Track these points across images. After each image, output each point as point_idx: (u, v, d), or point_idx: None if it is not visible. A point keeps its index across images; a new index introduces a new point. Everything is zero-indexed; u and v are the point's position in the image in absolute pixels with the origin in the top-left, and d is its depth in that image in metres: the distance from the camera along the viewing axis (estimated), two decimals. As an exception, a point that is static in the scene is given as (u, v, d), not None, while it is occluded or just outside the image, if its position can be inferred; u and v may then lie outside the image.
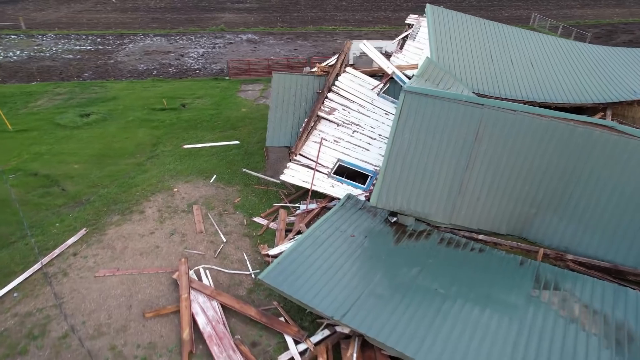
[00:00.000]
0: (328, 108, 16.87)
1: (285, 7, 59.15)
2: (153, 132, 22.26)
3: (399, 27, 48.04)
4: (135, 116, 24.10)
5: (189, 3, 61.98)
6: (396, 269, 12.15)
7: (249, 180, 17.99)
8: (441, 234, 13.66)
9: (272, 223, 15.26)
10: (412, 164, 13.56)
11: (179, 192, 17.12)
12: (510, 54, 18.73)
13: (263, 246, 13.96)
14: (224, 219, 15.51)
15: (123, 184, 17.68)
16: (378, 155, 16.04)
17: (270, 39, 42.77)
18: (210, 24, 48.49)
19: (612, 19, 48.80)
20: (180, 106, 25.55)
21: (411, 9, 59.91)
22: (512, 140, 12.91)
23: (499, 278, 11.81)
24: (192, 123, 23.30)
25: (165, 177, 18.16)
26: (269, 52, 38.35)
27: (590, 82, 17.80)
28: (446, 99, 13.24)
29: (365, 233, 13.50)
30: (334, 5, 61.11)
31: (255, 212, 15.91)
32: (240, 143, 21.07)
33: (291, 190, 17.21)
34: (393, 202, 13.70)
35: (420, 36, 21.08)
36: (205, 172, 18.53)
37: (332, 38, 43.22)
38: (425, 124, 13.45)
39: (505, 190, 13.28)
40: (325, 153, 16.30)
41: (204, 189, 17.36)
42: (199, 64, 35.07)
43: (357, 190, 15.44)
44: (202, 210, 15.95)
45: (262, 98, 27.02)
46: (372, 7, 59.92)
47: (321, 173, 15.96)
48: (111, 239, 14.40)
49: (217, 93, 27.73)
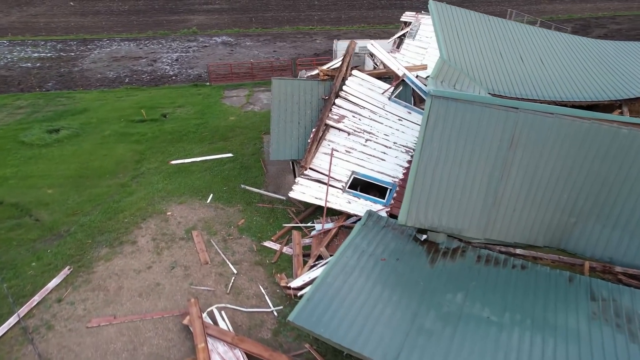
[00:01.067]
0: (337, 115, 15.43)
1: (256, 8, 57.15)
2: (134, 148, 20.11)
3: (378, 26, 47.23)
4: (112, 130, 21.80)
5: (154, 5, 58.86)
6: (439, 296, 10.88)
7: (251, 197, 16.30)
8: (477, 251, 12.52)
9: (286, 247, 13.68)
10: (442, 176, 12.33)
11: (174, 216, 15.22)
12: (520, 51, 17.91)
13: (281, 276, 12.37)
14: (229, 246, 13.79)
15: (107, 210, 15.58)
16: (395, 166, 14.75)
17: (246, 40, 40.83)
18: (180, 26, 45.95)
19: (582, 13, 49.81)
20: (161, 117, 23.42)
21: (385, 7, 59.39)
22: (550, 146, 11.91)
23: (552, 299, 10.74)
24: (176, 135, 21.27)
25: (155, 199, 16.19)
26: (247, 54, 36.47)
27: (602, 79, 17.21)
28: (477, 103, 12.09)
29: (396, 255, 12.17)
30: (307, 5, 59.65)
31: (264, 235, 14.27)
32: (234, 155, 19.29)
33: (300, 207, 15.66)
34: (424, 219, 12.43)
35: (421, 34, 20.01)
36: (200, 191, 16.68)
37: (311, 38, 41.77)
38: (455, 132, 12.25)
39: (542, 199, 12.28)
40: (337, 165, 14.86)
41: (202, 211, 15.53)
42: (174, 70, 32.78)
43: (376, 205, 14.09)
44: (203, 237, 14.15)
45: (250, 104, 25.24)
46: (346, 6, 58.88)
47: (335, 188, 14.50)
48: (102, 278, 12.41)
49: (200, 101, 25.72)
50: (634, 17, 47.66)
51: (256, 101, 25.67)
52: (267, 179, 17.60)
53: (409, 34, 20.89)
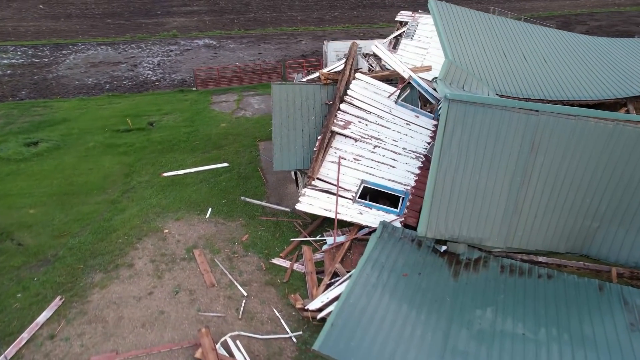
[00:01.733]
0: (342, 121, 14.68)
1: (236, 9, 55.87)
2: (122, 160, 18.87)
3: (363, 26, 46.74)
4: (96, 141, 20.46)
5: (129, 8, 56.83)
6: (468, 312, 10.27)
7: (253, 210, 15.38)
8: (499, 261, 11.98)
9: (297, 264, 12.84)
10: (462, 184, 11.74)
11: (171, 234, 14.18)
12: (522, 50, 17.56)
13: (295, 297, 11.53)
14: (236, 265, 12.86)
15: (98, 230, 14.40)
16: (406, 173, 14.11)
17: (229, 43, 39.65)
18: (159, 29, 44.35)
19: (562, 10, 50.56)
20: (148, 125, 22.18)
21: (367, 7, 59.00)
22: (571, 149, 11.46)
23: (585, 310, 10.27)
24: (166, 145, 20.12)
25: (149, 216, 15.08)
26: (231, 57, 35.34)
27: (605, 77, 17.02)
28: (497, 107, 11.53)
29: (417, 269, 11.51)
30: (288, 5, 58.71)
31: (272, 252, 13.40)
32: (229, 165, 18.30)
33: (306, 219, 14.85)
34: (444, 230, 11.81)
35: (419, 34, 19.47)
36: (198, 205, 15.66)
37: (295, 39, 40.90)
38: (474, 137, 11.67)
39: (564, 204, 11.83)
40: (345, 174, 14.11)
41: (201, 227, 14.53)
42: (156, 75, 31.39)
43: (390, 215, 13.41)
44: (206, 256, 13.18)
45: (240, 110, 24.23)
46: (328, 6, 58.22)
47: (344, 198, 13.75)
48: (98, 308, 11.31)
49: (187, 107, 24.55)
50: (611, 13, 48.65)
51: (247, 106, 24.68)
52: (267, 189, 16.71)
53: (406, 34, 20.32)
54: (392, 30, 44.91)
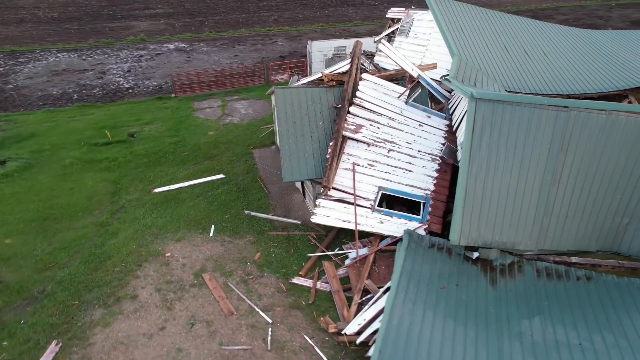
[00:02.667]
0: (353, 125, 13.81)
1: (203, 11, 53.87)
2: (106, 177, 17.20)
3: (338, 24, 46.05)
4: (73, 157, 18.61)
5: (87, 11, 53.61)
6: (515, 323, 9.67)
7: (260, 225, 14.26)
8: (533, 264, 11.48)
9: (319, 282, 11.87)
10: (493, 188, 11.16)
11: (174, 257, 12.86)
12: (522, 44, 17.30)
13: (326, 320, 10.56)
14: (252, 288, 11.74)
15: (90, 258, 12.87)
16: (424, 177, 13.42)
17: (202, 46, 37.92)
18: (125, 33, 41.91)
19: (529, 5, 51.87)
20: (129, 137, 20.48)
21: (337, 5, 58.40)
22: (602, 145, 11.12)
23: (635, 312, 9.89)
24: (153, 158, 18.56)
25: (146, 238, 13.66)
26: (206, 61, 33.73)
27: (604, 69, 17.01)
28: (526, 105, 11.03)
29: (454, 280, 10.83)
30: (257, 6, 57.23)
31: (290, 270, 12.37)
32: (226, 176, 17.04)
33: (319, 231, 13.89)
34: (477, 236, 11.19)
35: (415, 31, 18.88)
36: (198, 223, 14.37)
37: (271, 40, 39.67)
38: (503, 137, 11.11)
39: (594, 202, 11.49)
40: (361, 181, 13.26)
41: (207, 247, 13.28)
42: (128, 82, 29.39)
43: (412, 223, 12.67)
44: (217, 280, 11.98)
45: (227, 116, 22.89)
46: (297, 5, 57.21)
47: (363, 207, 12.90)
48: (104, 351, 9.91)
49: (169, 115, 22.95)
50: (575, 7, 50.37)
51: (233, 112, 23.37)
52: (271, 201, 15.61)
53: (401, 31, 19.70)
54: (367, 28, 44.62)
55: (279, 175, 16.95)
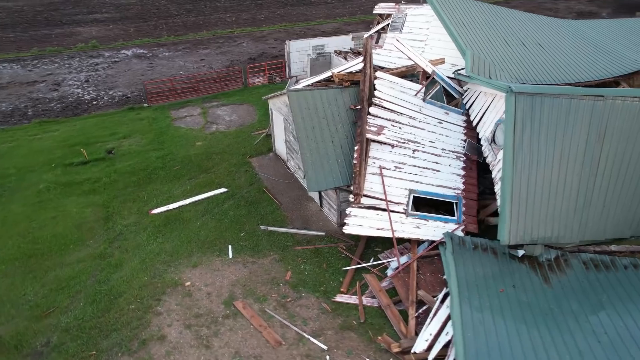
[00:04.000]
0: (375, 127, 13.09)
1: (154, 15, 50.92)
2: (92, 200, 15.26)
3: (301, 24, 45.15)
4: (48, 181, 16.40)
5: (22, 17, 48.88)
6: (584, 321, 9.38)
7: (281, 240, 13.19)
8: (577, 257, 11.35)
9: (365, 298, 11.05)
10: (537, 182, 10.88)
11: (196, 286, 11.50)
12: (519, 36, 17.39)
13: (384, 339, 9.76)
14: (294, 312, 10.69)
15: (97, 297, 11.19)
16: (452, 175, 12.98)
17: (163, 51, 35.60)
18: (72, 40, 38.50)
19: (485, 0, 53.69)
20: (107, 153, 18.46)
21: (294, 4, 57.45)
22: (636, 132, 11.19)
23: (691, 297, 9.99)
24: (141, 175, 16.78)
25: (157, 267, 12.16)
26: (171, 66, 31.63)
27: (596, 57, 17.45)
28: (563, 96, 10.85)
29: (508, 281, 10.42)
30: (210, 7, 55.01)
31: (328, 287, 11.44)
32: (229, 190, 15.72)
33: (347, 241, 13.05)
34: (524, 234, 10.85)
35: (410, 26, 18.51)
36: (212, 244, 13.04)
37: (235, 42, 38.04)
38: (543, 130, 10.87)
39: (629, 189, 11.57)
40: (390, 185, 12.57)
41: (229, 271, 12.03)
42: (89, 93, 26.80)
43: (449, 225, 12.17)
44: (252, 307, 10.81)
45: (211, 124, 21.35)
46: (253, 6, 55.64)
47: (397, 213, 12.22)
48: (143, 407, 8.50)
49: (147, 127, 21.03)
50: (525, 0, 52.82)
51: (217, 119, 21.86)
52: (285, 212, 14.53)
53: (393, 27, 19.25)
54: (332, 26, 44.10)
55: (286, 185, 15.95)
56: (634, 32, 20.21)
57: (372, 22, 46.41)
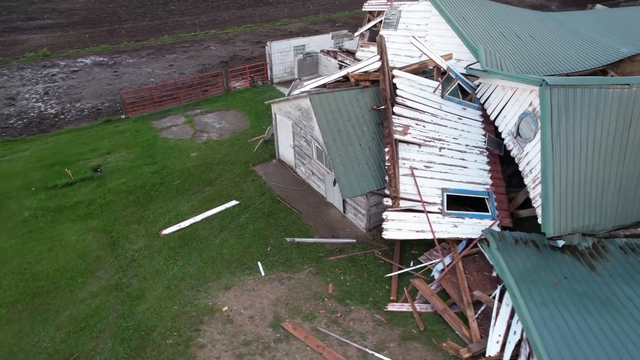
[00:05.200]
0: (400, 127, 12.75)
1: (105, 20, 47.81)
2: (90, 226, 13.75)
3: (266, 25, 44.10)
4: (32, 208, 14.60)
5: (-48, 26, 44.19)
6: (643, 307, 9.59)
7: (312, 251, 12.53)
8: (612, 242, 11.63)
9: (418, 304, 10.67)
10: (573, 173, 11.01)
11: (235, 310, 10.61)
12: (513, 30, 17.74)
13: (450, 345, 9.43)
14: (348, 327, 10.12)
15: (125, 335, 9.99)
16: (479, 171, 12.92)
17: (125, 58, 33.36)
18: (17, 50, 35.15)
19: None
20: (93, 172, 16.81)
21: (252, 5, 56.14)
22: (658, 116, 11.64)
23: None
24: (140, 193, 15.40)
25: (185, 294, 11.11)
26: (139, 74, 29.67)
27: (583, 48, 18.16)
28: (594, 86, 11.05)
29: (558, 273, 10.45)
30: (166, 11, 52.55)
31: (376, 297, 10.96)
32: (240, 202, 14.79)
33: (381, 245, 12.63)
34: (566, 224, 10.95)
35: (406, 22, 18.39)
36: (240, 262, 12.14)
37: (202, 46, 36.43)
38: (577, 121, 11.01)
39: (652, 172, 12.05)
40: (423, 186, 12.29)
41: (266, 290, 11.22)
42: (52, 107, 24.46)
43: (485, 221, 12.08)
44: (302, 327, 10.11)
45: (201, 133, 20.12)
46: (211, 8, 53.79)
47: (433, 213, 11.96)
48: None
49: (131, 140, 19.43)
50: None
51: (206, 127, 20.64)
52: (307, 221, 13.87)
53: (386, 24, 19.03)
54: (298, 26, 43.44)
55: (299, 192, 15.28)
56: (604, 22, 21.33)
57: (336, 20, 46.43)
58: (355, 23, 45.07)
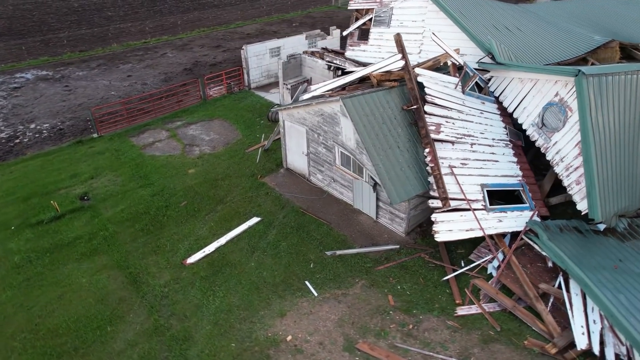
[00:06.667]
0: (433, 125, 12.49)
1: (33, 29, 43.22)
2: (100, 263, 12.02)
3: (219, 27, 42.23)
4: (21, 250, 12.48)
5: None
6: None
7: (358, 263, 11.92)
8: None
9: (485, 305, 10.45)
10: (610, 158, 11.39)
11: (301, 339, 9.74)
12: (502, 22, 18.21)
13: (533, 342, 9.31)
14: (425, 338, 9.66)
15: (186, 385, 8.77)
16: (510, 164, 13.03)
17: (74, 70, 30.25)
18: (-61, 67, 30.65)
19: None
20: (81, 200, 14.85)
21: (197, 8, 53.71)
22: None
23: None
24: (146, 220, 13.78)
25: (239, 328, 10.02)
26: (95, 87, 27.00)
27: (562, 38, 19.09)
28: (621, 73, 11.50)
29: (611, 256, 10.75)
30: (103, 18, 48.67)
31: (440, 303, 10.60)
32: (262, 218, 13.78)
33: (426, 248, 12.30)
34: (609, 208, 11.27)
35: (400, 19, 18.27)
36: (286, 284, 11.23)
37: (158, 53, 34.04)
38: (611, 107, 11.40)
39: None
40: (463, 183, 12.13)
41: (325, 312, 10.45)
42: (2, 130, 21.45)
43: (525, 212, 12.18)
44: (378, 345, 9.50)
45: (192, 147, 18.59)
46: (154, 13, 50.69)
47: (480, 210, 11.84)
48: None
49: (114, 161, 17.45)
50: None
51: (194, 141, 19.12)
52: (341, 231, 13.20)
53: (378, 22, 18.74)
54: (254, 28, 42.09)
55: (321, 201, 14.60)
56: (568, 12, 22.73)
57: (291, 20, 45.66)
58: (311, 22, 44.65)
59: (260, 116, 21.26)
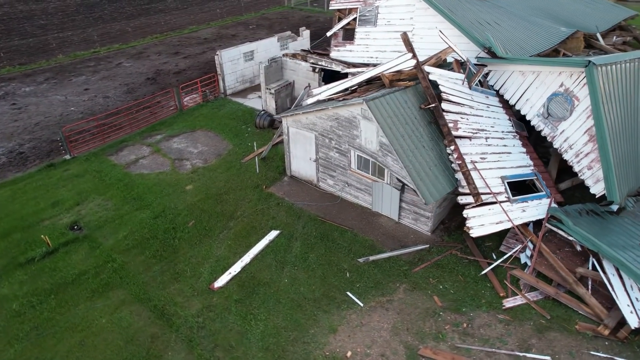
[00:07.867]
0: (451, 122, 12.55)
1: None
2: (117, 299, 10.80)
3: (173, 33, 40.17)
4: (17, 295, 10.87)
5: None
6: None
7: (393, 267, 11.73)
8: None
9: (528, 294, 10.65)
10: (621, 143, 12.08)
11: (361, 353, 9.38)
12: (482, 17, 18.75)
13: (584, 326, 9.65)
14: (482, 335, 9.66)
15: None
16: (521, 155, 13.45)
17: (19, 86, 27.37)
18: None
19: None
20: (72, 231, 13.35)
21: (142, 14, 50.76)
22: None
23: None
24: (156, 246, 12.63)
25: (291, 350, 9.45)
26: (51, 104, 24.58)
27: (535, 30, 20.08)
28: (624, 62, 12.20)
29: (631, 236, 11.40)
30: (36, 27, 44.62)
31: (485, 298, 10.68)
32: (281, 230, 13.17)
33: (455, 244, 12.36)
34: (623, 190, 11.96)
35: (387, 18, 18.33)
36: (328, 298, 10.79)
37: (112, 64, 31.70)
38: (619, 94, 12.09)
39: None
40: (486, 178, 12.31)
41: (375, 321, 10.15)
42: (-51, 159, 18.86)
43: (543, 200, 12.61)
44: (439, 348, 9.36)
45: (182, 161, 17.40)
46: (95, 20, 47.26)
47: (504, 202, 12.07)
48: None
49: (98, 184, 15.87)
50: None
51: (182, 154, 17.92)
52: (367, 235, 12.93)
53: (363, 21, 18.61)
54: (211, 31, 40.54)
55: (335, 207, 14.28)
56: (529, 6, 24.00)
57: (247, 23, 44.53)
58: (267, 24, 43.78)
59: (245, 123, 20.42)
